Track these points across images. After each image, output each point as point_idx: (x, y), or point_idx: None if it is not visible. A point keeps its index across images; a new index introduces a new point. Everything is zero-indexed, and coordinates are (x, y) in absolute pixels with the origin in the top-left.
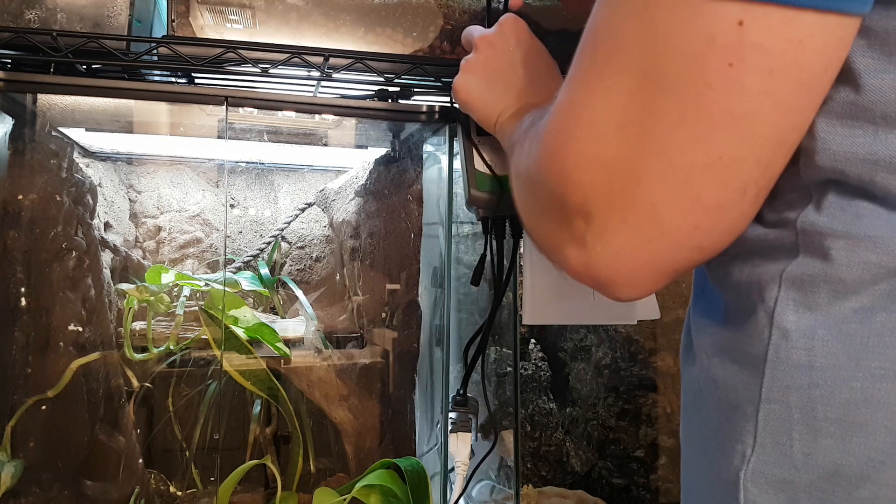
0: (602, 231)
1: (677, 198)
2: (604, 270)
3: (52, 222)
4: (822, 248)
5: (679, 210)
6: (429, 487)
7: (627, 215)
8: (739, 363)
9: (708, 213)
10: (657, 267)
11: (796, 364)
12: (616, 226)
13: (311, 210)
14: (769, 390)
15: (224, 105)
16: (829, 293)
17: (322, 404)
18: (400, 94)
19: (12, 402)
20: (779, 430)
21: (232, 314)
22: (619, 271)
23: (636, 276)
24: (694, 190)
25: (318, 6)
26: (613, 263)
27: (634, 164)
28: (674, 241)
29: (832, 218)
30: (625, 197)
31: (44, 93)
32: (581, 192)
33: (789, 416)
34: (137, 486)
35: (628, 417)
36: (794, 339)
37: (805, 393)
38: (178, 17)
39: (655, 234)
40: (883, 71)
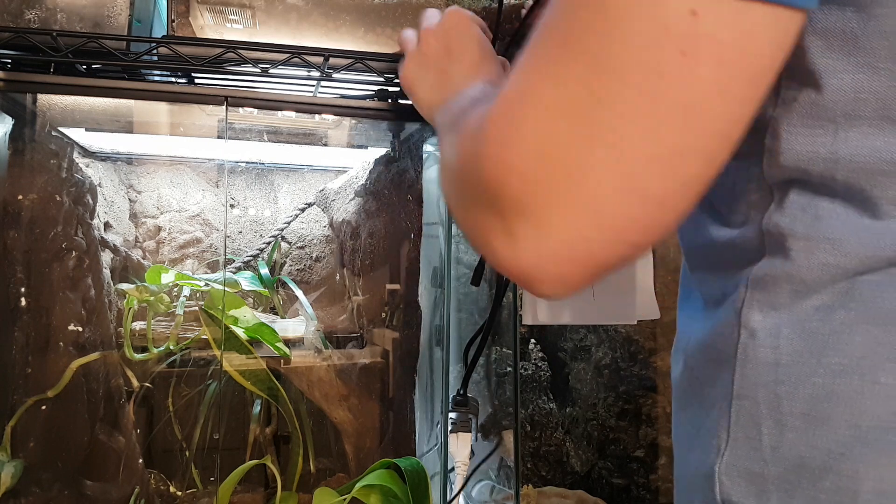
0: (538, 225)
1: (623, 190)
2: (533, 265)
3: (52, 222)
4: (784, 249)
5: (623, 203)
6: (429, 487)
7: (568, 209)
8: (715, 361)
9: (649, 206)
10: (589, 263)
11: (763, 361)
12: (554, 220)
13: (311, 210)
14: (740, 387)
15: (224, 105)
16: (791, 293)
17: (322, 404)
18: (400, 94)
19: (12, 402)
20: (749, 425)
21: (232, 314)
22: (549, 267)
23: (566, 271)
24: (640, 182)
25: (318, 6)
26: (545, 258)
27: (581, 155)
28: (612, 236)
29: (793, 219)
30: (568, 189)
31: (44, 93)
32: (521, 183)
33: (758, 411)
34: (137, 486)
35: (628, 417)
36: (760, 338)
37: (772, 389)
38: (178, 17)
39: (594, 229)
40: (842, 71)
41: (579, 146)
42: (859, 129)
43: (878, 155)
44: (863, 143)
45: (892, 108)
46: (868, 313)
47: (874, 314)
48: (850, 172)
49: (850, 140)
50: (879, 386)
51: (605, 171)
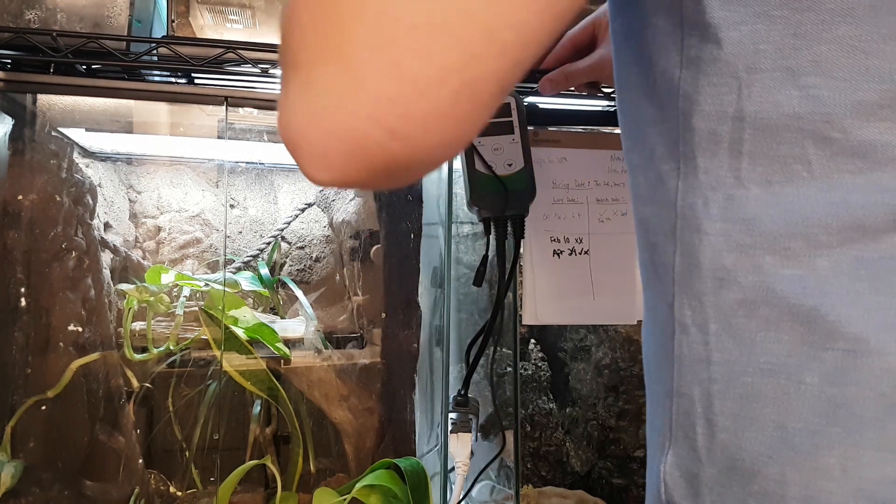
0: (305, 81)
1: (378, 54)
2: (298, 129)
3: (52, 222)
4: (700, 232)
5: (378, 69)
6: (429, 487)
7: (329, 66)
8: (660, 358)
9: (404, 85)
10: (347, 138)
11: (697, 358)
12: (317, 76)
13: (311, 210)
14: (678, 384)
15: (224, 105)
16: (713, 283)
17: (322, 404)
18: None
19: (12, 402)
20: (686, 424)
21: (232, 314)
22: (312, 135)
23: (328, 146)
24: (394, 51)
25: None
26: (308, 123)
27: (351, 10)
28: (368, 106)
29: (706, 200)
30: (333, 43)
31: (44, 93)
32: (299, 32)
33: (693, 409)
34: (137, 487)
35: (628, 417)
36: (692, 334)
37: (705, 387)
38: (178, 17)
39: (351, 97)
40: (740, 22)
41: (349, 4)
42: (761, 83)
43: (780, 109)
44: (766, 98)
45: (791, 57)
46: (792, 311)
47: (797, 312)
48: (757, 131)
49: (753, 96)
50: (805, 386)
51: (363, 29)
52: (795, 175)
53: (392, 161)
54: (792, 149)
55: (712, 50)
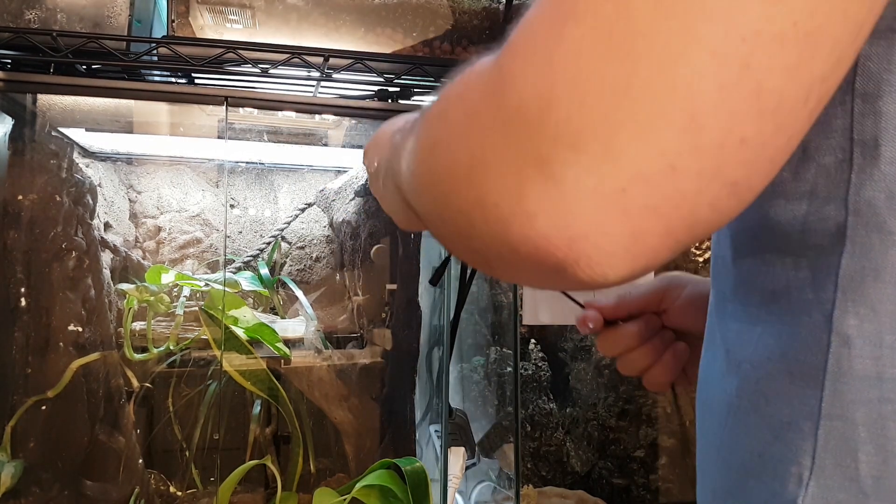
0: (603, 158)
1: (733, 86)
2: (590, 221)
3: (52, 222)
4: (883, 234)
5: (730, 108)
6: (429, 488)
7: (651, 120)
8: (793, 374)
9: (763, 119)
10: (672, 215)
11: (862, 375)
12: (629, 143)
13: (311, 210)
14: (830, 405)
15: (224, 105)
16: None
17: (322, 404)
18: (400, 94)
19: (12, 402)
20: (842, 451)
21: (232, 314)
22: (614, 222)
23: (640, 234)
24: (755, 75)
25: (318, 6)
26: (608, 207)
27: (675, 33)
28: (711, 163)
29: (891, 195)
30: (651, 89)
31: (44, 93)
32: (576, 95)
33: (854, 434)
34: (137, 487)
35: (628, 417)
36: (857, 347)
37: (874, 408)
38: (178, 17)
39: (686, 151)
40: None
41: (672, 23)
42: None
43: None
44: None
45: None
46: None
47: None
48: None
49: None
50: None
51: (708, 57)
52: None
53: (716, 224)
54: None
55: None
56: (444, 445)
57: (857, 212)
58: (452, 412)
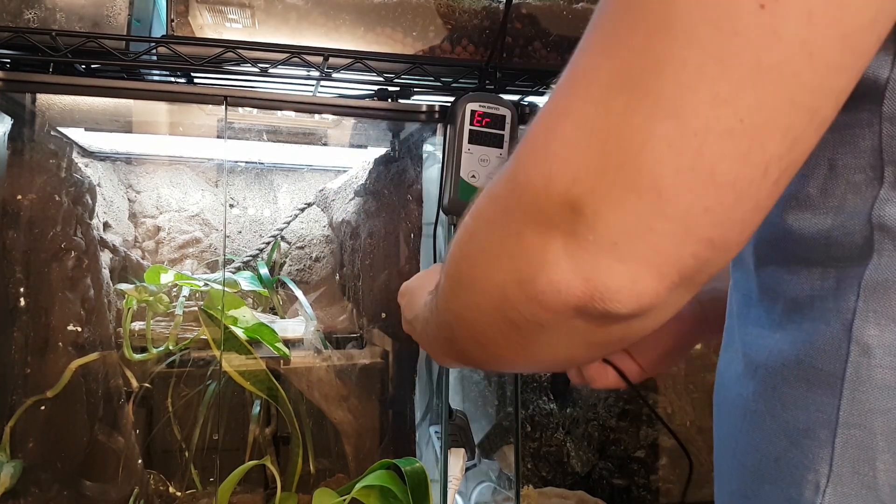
0: (595, 220)
1: (687, 170)
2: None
3: (51, 222)
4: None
5: (688, 186)
6: (429, 488)
7: (626, 193)
8: (811, 382)
9: (722, 193)
10: (660, 263)
11: (881, 385)
12: (612, 209)
13: (311, 210)
14: (848, 413)
15: (223, 105)
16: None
17: (322, 405)
18: (400, 94)
19: (12, 402)
20: (860, 459)
21: (231, 314)
22: (616, 272)
23: (638, 275)
24: (708, 161)
25: (317, 6)
26: (609, 260)
27: (639, 129)
28: (681, 226)
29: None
30: (623, 170)
31: (43, 92)
32: (569, 173)
33: (872, 443)
34: (137, 487)
35: (629, 418)
36: (877, 356)
37: (892, 417)
38: (178, 16)
39: (659, 218)
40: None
41: (635, 120)
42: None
43: None
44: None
45: None
46: None
47: None
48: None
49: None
50: None
51: (665, 148)
52: None
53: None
54: None
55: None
56: (444, 446)
57: (883, 227)
58: (452, 413)
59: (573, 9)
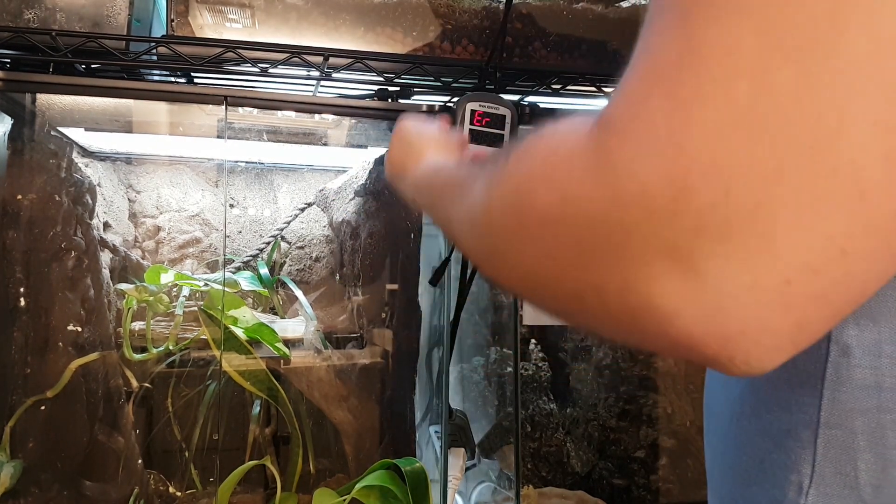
0: (764, 234)
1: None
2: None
3: (51, 222)
4: None
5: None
6: (429, 488)
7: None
8: (793, 382)
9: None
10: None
11: (861, 384)
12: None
13: (311, 210)
14: (829, 414)
15: (223, 105)
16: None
17: (322, 405)
18: (400, 94)
19: (12, 403)
20: (841, 459)
21: (231, 314)
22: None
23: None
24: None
25: (317, 6)
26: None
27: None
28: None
29: None
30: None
31: (43, 92)
32: (718, 176)
33: (854, 443)
34: (137, 487)
35: (629, 418)
36: (856, 356)
37: (873, 417)
38: (178, 16)
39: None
40: None
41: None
42: None
43: None
44: None
45: None
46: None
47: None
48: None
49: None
50: None
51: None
52: None
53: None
54: None
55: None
56: (444, 446)
57: None
58: (452, 413)
59: (573, 9)
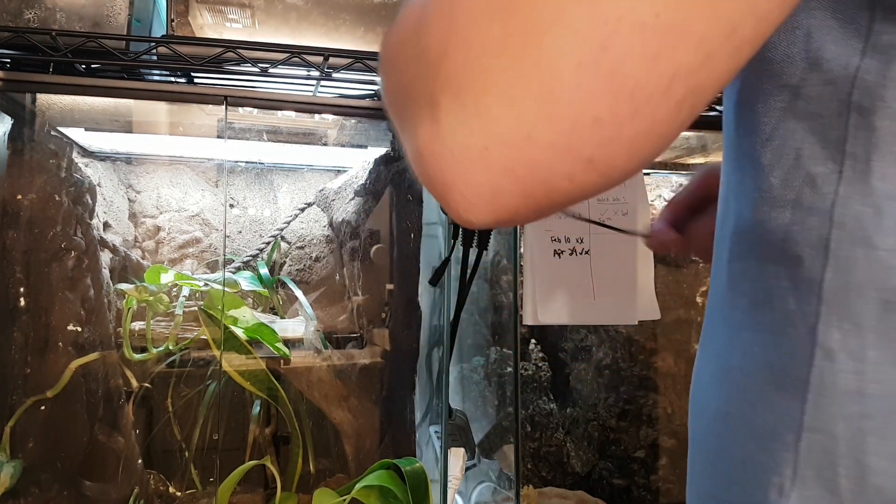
0: (471, 105)
1: (590, 66)
2: (455, 164)
3: (51, 222)
4: (869, 247)
5: (585, 86)
6: (429, 488)
7: (513, 86)
8: (778, 385)
9: (617, 100)
10: (528, 175)
11: (844, 390)
12: (491, 99)
13: (311, 210)
14: (812, 418)
15: (223, 105)
16: (880, 305)
17: (322, 405)
18: None
19: (12, 403)
20: (823, 464)
21: (231, 314)
22: (474, 171)
23: (497, 183)
24: (612, 57)
25: (317, 6)
26: (472, 156)
27: (546, 6)
28: (563, 137)
29: (879, 210)
30: (520, 52)
31: (43, 92)
32: (465, 45)
33: (835, 447)
34: (137, 487)
35: (629, 418)
36: (840, 361)
37: (854, 423)
38: (178, 16)
39: (542, 123)
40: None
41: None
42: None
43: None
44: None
45: None
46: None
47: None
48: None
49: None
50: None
51: (571, 34)
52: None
53: (577, 194)
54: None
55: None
56: (444, 446)
57: (843, 225)
58: (452, 413)
59: None
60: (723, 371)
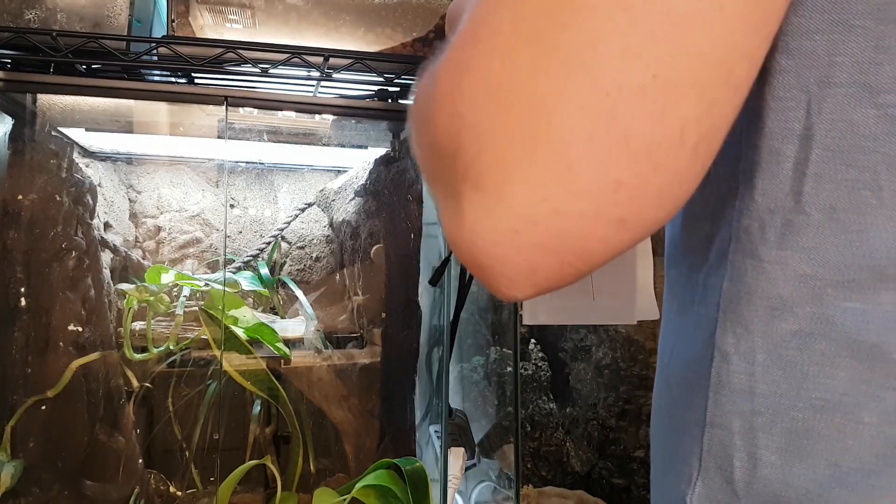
0: (493, 193)
1: (602, 136)
2: (490, 252)
3: (52, 222)
4: (756, 258)
5: (601, 156)
6: (429, 488)
7: (531, 168)
8: (691, 383)
9: (636, 162)
10: (563, 249)
11: (738, 389)
12: (513, 184)
13: (311, 210)
14: (713, 414)
15: (224, 105)
16: (766, 311)
17: (322, 404)
18: (400, 94)
19: (12, 402)
20: (721, 456)
21: (232, 314)
22: (509, 254)
23: (534, 261)
24: (622, 125)
25: (317, 6)
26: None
27: (546, 91)
28: (590, 205)
29: (763, 224)
30: (530, 140)
31: (43, 93)
32: (471, 138)
33: (731, 442)
34: (137, 487)
35: (628, 417)
36: (734, 363)
37: (747, 420)
38: (178, 16)
39: (567, 196)
40: (815, 31)
41: (542, 80)
42: (834, 98)
43: (854, 129)
44: (838, 116)
45: (870, 73)
46: (851, 346)
47: (857, 348)
48: (826, 151)
49: (824, 113)
50: (863, 426)
51: (576, 111)
52: (863, 202)
53: (613, 252)
54: (862, 173)
55: (781, 60)
56: (444, 446)
57: (738, 238)
58: (452, 412)
59: None
60: (662, 368)
